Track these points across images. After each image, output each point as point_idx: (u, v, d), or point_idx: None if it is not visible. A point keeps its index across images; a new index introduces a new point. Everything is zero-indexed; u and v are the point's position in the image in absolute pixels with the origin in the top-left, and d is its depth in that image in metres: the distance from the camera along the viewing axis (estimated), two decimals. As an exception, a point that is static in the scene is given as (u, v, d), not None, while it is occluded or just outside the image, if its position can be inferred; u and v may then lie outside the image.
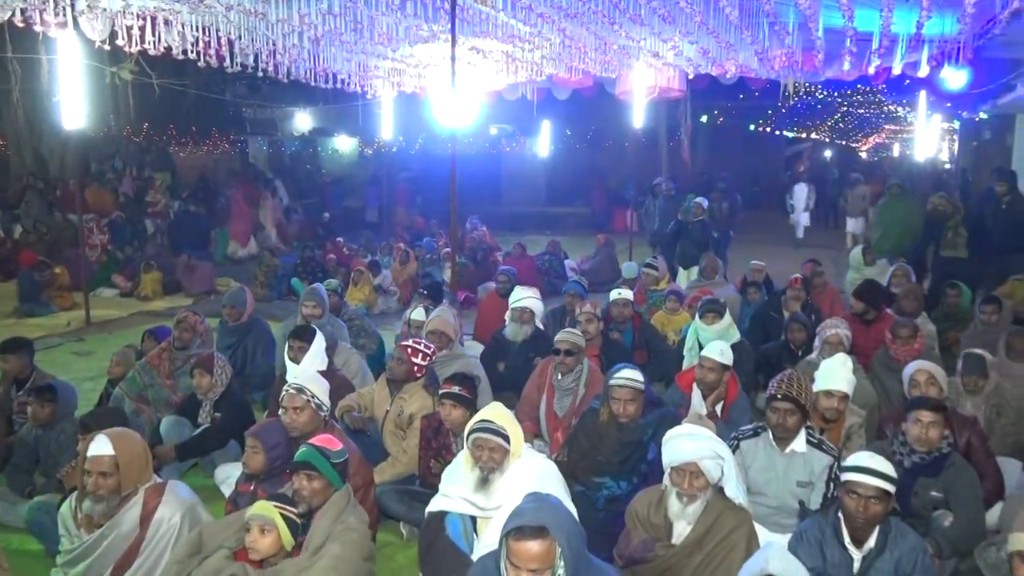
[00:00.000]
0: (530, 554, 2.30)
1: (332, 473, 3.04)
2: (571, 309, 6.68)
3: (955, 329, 6.72)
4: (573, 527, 2.42)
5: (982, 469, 3.91)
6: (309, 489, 2.98)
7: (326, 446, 3.09)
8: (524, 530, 2.32)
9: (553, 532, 2.31)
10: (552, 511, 2.40)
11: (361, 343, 6.59)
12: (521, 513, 2.38)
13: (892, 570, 2.88)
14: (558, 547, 2.34)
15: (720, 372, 4.58)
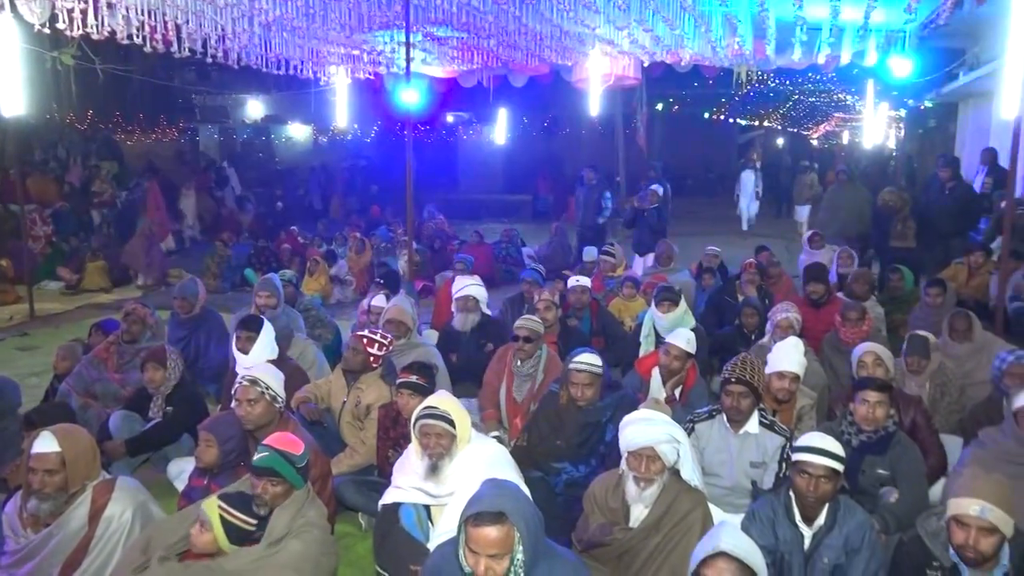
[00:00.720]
0: (489, 539, 2.31)
1: (296, 478, 2.97)
2: (529, 296, 6.70)
3: (900, 312, 6.93)
4: (532, 512, 2.42)
5: (926, 446, 4.05)
6: (271, 494, 2.92)
7: (289, 450, 3.00)
8: (483, 516, 2.32)
9: (512, 517, 2.31)
10: (511, 496, 2.41)
11: (317, 333, 6.51)
12: (480, 499, 2.38)
13: (841, 546, 2.96)
14: (517, 532, 2.35)
15: (684, 360, 4.65)
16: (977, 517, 2.57)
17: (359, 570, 3.83)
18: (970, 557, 2.62)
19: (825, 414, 4.64)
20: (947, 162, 9.79)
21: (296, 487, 2.98)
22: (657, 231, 9.97)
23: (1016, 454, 3.36)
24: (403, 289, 6.94)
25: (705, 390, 4.87)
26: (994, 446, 3.48)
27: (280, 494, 2.94)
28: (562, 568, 2.50)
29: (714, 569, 2.09)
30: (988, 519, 2.56)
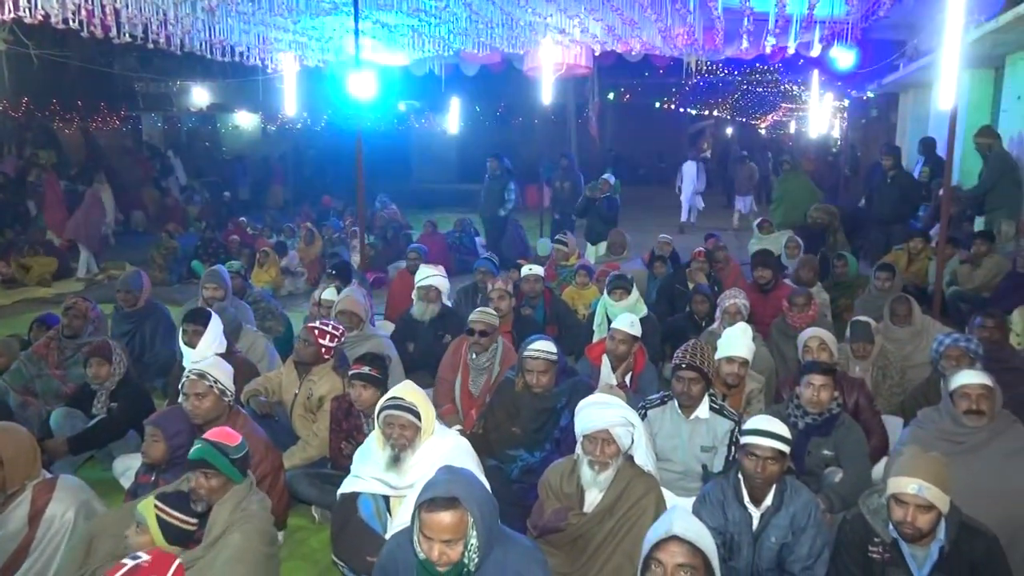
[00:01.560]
0: (442, 525, 2.31)
1: (231, 470, 2.88)
2: (483, 286, 6.70)
3: (845, 297, 7.13)
4: (485, 498, 2.43)
5: (869, 427, 4.17)
6: (207, 487, 2.85)
7: (223, 441, 2.93)
8: (436, 501, 2.32)
9: (465, 503, 2.32)
10: (464, 483, 2.41)
11: (268, 325, 6.41)
12: (433, 485, 2.38)
13: (787, 525, 3.04)
14: (470, 517, 2.35)
15: (630, 343, 4.70)
16: (915, 495, 2.66)
17: (312, 563, 3.80)
18: (908, 533, 2.71)
19: (773, 397, 4.75)
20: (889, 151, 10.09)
21: (233, 480, 2.89)
22: (609, 220, 10.04)
23: (952, 433, 3.47)
24: (355, 280, 6.86)
25: (655, 376, 4.94)
26: (932, 426, 3.59)
27: (216, 488, 2.86)
28: (517, 553, 2.51)
29: (666, 552, 2.12)
30: (925, 497, 2.65)
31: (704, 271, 7.21)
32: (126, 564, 2.08)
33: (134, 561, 2.09)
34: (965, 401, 3.45)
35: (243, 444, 2.99)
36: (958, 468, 2.93)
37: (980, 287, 7.15)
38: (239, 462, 2.91)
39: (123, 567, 2.06)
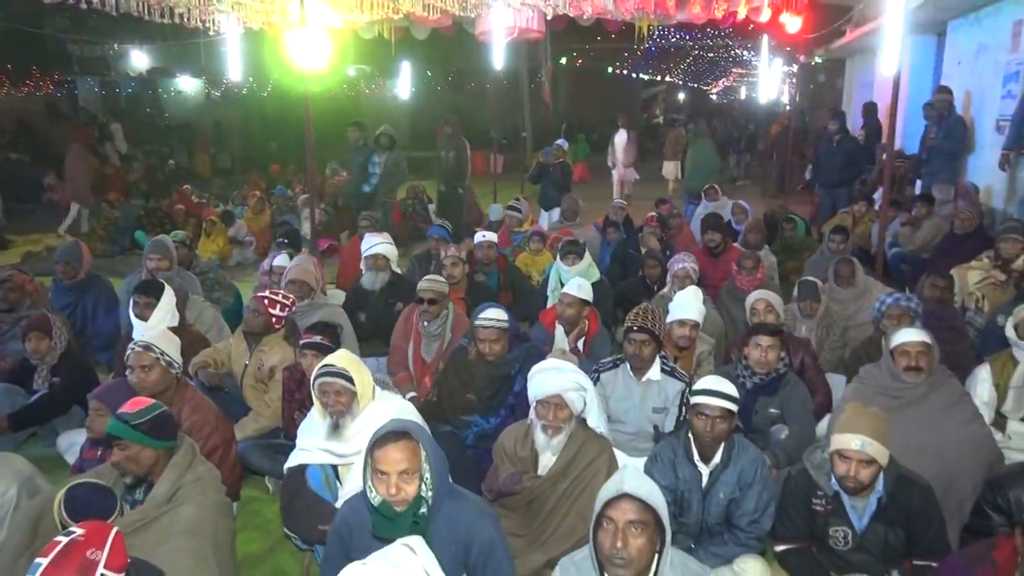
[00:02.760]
0: (396, 457, 2.32)
1: (138, 435, 2.76)
2: (436, 253, 6.66)
3: (792, 260, 7.28)
4: (434, 443, 2.46)
5: (813, 386, 4.30)
6: (123, 457, 2.77)
7: (126, 410, 2.82)
8: (388, 435, 2.34)
9: (416, 436, 2.35)
10: (412, 424, 2.45)
11: (216, 296, 6.28)
12: (383, 427, 2.43)
13: (735, 481, 3.13)
14: (423, 450, 2.37)
15: (579, 307, 4.72)
16: (858, 451, 2.75)
17: (266, 534, 3.78)
18: (851, 487, 2.82)
19: (723, 359, 4.85)
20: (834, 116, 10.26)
21: (150, 446, 2.81)
22: (562, 186, 10.05)
23: (892, 389, 3.59)
24: (306, 248, 6.75)
25: (608, 340, 4.99)
26: (873, 382, 3.71)
27: (132, 457, 2.77)
28: (468, 508, 2.54)
29: (618, 510, 2.16)
30: (867, 452, 2.75)
31: (656, 236, 7.29)
32: (60, 541, 2.00)
33: (68, 537, 2.02)
34: (905, 358, 3.57)
35: (149, 409, 2.84)
36: (897, 422, 3.03)
37: (920, 248, 7.38)
38: (146, 427, 2.78)
39: (57, 545, 1.99)
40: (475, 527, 2.49)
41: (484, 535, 2.50)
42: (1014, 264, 5.72)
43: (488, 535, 2.51)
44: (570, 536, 3.10)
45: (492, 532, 2.54)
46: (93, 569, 1.96)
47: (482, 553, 2.48)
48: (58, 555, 1.95)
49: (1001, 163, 7.72)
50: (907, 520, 2.85)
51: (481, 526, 2.51)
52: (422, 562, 1.84)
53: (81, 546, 1.99)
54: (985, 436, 3.57)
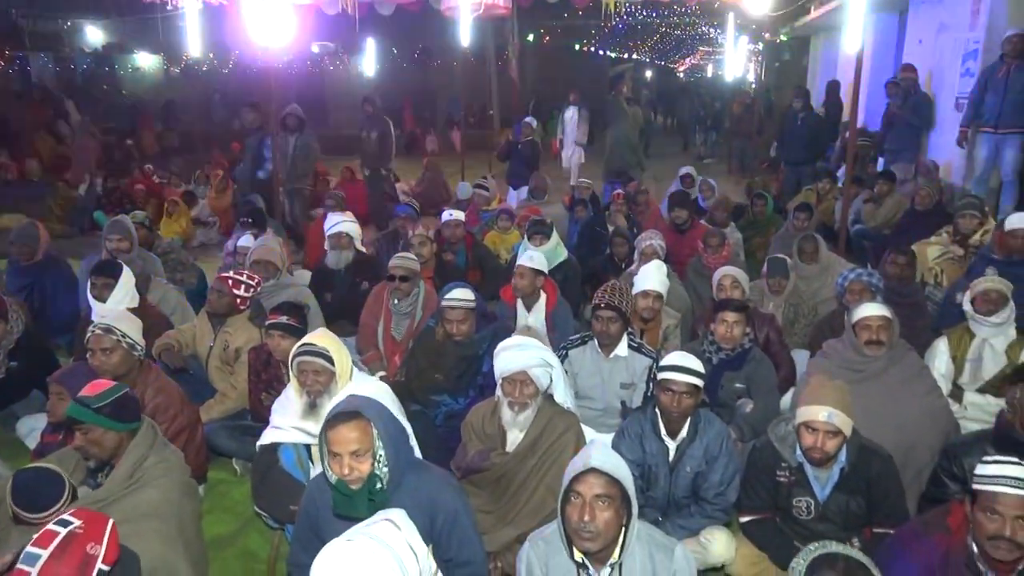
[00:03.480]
0: (347, 437, 2.32)
1: (99, 418, 2.71)
2: (404, 232, 6.61)
3: (759, 236, 7.36)
4: (391, 418, 2.44)
5: (778, 360, 4.37)
6: (85, 441, 2.73)
7: (87, 393, 2.77)
8: (338, 416, 2.34)
9: (367, 414, 2.34)
10: (365, 402, 2.42)
11: (179, 277, 6.16)
12: (335, 407, 2.42)
13: (701, 455, 3.17)
14: (374, 429, 2.37)
15: (531, 277, 4.73)
16: (825, 422, 2.80)
17: (235, 515, 3.76)
18: (817, 458, 2.87)
19: (689, 335, 4.90)
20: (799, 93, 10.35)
21: (112, 429, 2.76)
22: (531, 164, 10.02)
23: (854, 362, 3.66)
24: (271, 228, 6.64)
25: (569, 313, 4.99)
26: (836, 356, 3.78)
27: (95, 440, 2.73)
28: (431, 479, 2.55)
29: (585, 484, 2.18)
30: (834, 423, 2.80)
31: (624, 213, 7.31)
32: (58, 532, 1.95)
33: (65, 528, 1.98)
34: (866, 332, 3.64)
35: (110, 391, 2.79)
36: (858, 394, 3.09)
37: (882, 225, 7.51)
38: (108, 410, 2.73)
39: (55, 536, 1.94)
40: (439, 498, 2.50)
41: (449, 505, 2.51)
42: (972, 239, 5.85)
43: (452, 505, 2.52)
44: (539, 511, 3.13)
45: (456, 502, 2.55)
46: (92, 565, 1.94)
47: (447, 523, 2.50)
48: (57, 548, 1.92)
49: (959, 140, 7.87)
50: (868, 489, 2.92)
51: (445, 497, 2.52)
52: (406, 536, 1.83)
53: (81, 539, 1.95)
54: (942, 407, 3.66)
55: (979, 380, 4.12)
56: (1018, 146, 7.26)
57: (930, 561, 2.35)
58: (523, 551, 2.43)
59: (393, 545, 1.75)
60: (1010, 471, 2.22)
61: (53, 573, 1.87)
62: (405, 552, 1.77)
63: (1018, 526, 2.17)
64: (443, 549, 2.52)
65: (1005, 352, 4.08)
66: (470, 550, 2.58)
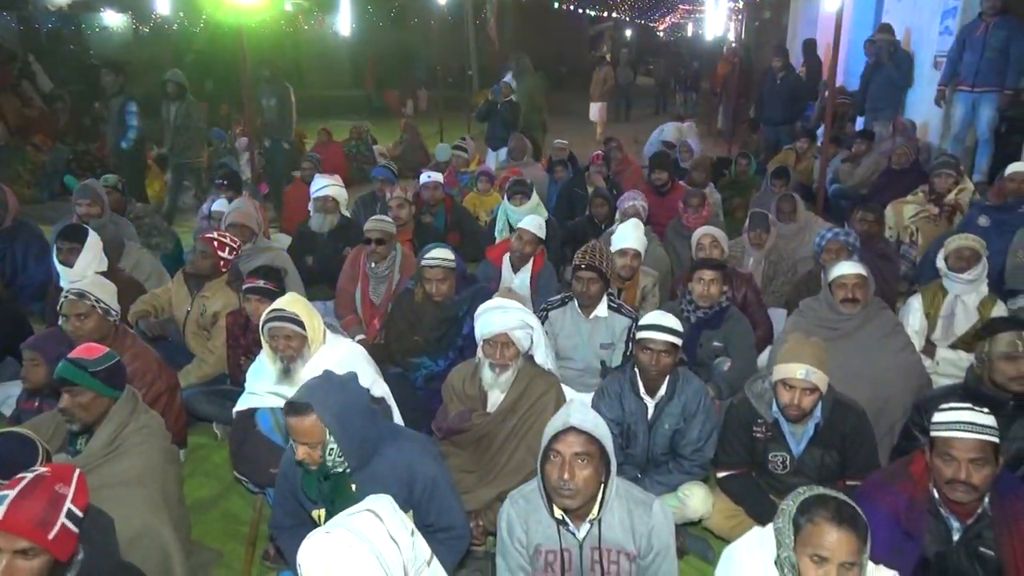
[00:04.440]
0: (297, 428, 2.33)
1: (94, 383, 2.72)
2: (381, 195, 6.55)
3: (739, 196, 7.38)
4: (348, 404, 2.39)
5: (755, 319, 4.41)
6: (74, 403, 2.70)
7: (83, 355, 2.76)
8: (292, 406, 2.34)
9: (317, 409, 2.31)
10: (322, 390, 2.38)
11: (154, 242, 6.08)
12: (298, 391, 2.40)
13: (679, 412, 3.21)
14: (324, 423, 2.33)
15: (535, 244, 4.76)
16: (803, 380, 2.84)
17: (216, 479, 3.76)
18: (794, 414, 2.92)
19: (668, 295, 4.92)
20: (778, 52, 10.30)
21: (103, 394, 2.76)
22: (510, 125, 9.92)
23: (830, 320, 3.71)
24: (246, 191, 6.55)
25: (553, 275, 5.01)
26: (812, 314, 3.83)
27: (84, 404, 2.72)
28: (408, 446, 2.55)
29: (564, 443, 2.20)
30: (811, 380, 2.84)
31: (603, 174, 7.28)
32: (25, 476, 1.96)
33: (33, 473, 1.98)
34: (842, 291, 3.68)
35: (106, 356, 2.79)
36: (834, 352, 3.13)
37: (859, 184, 7.55)
38: (102, 374, 2.74)
39: (22, 479, 1.94)
40: (416, 466, 2.51)
41: (427, 472, 2.52)
42: (947, 198, 5.90)
43: (430, 472, 2.53)
44: (520, 471, 3.16)
45: (434, 469, 2.56)
46: (62, 502, 1.94)
47: (425, 490, 2.52)
48: (26, 487, 1.92)
49: (937, 99, 7.88)
50: (842, 443, 2.98)
51: (422, 464, 2.52)
52: (388, 528, 1.81)
53: (49, 480, 1.96)
54: (915, 363, 3.73)
55: (951, 336, 4.20)
56: (994, 104, 7.29)
57: (895, 508, 2.42)
58: (503, 509, 2.46)
59: (372, 538, 1.74)
60: (963, 416, 2.28)
61: (21, 507, 1.87)
62: (385, 544, 1.75)
63: (972, 468, 2.25)
64: (423, 515, 2.55)
65: (977, 309, 4.15)
66: (450, 516, 2.60)
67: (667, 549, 2.35)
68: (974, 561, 2.35)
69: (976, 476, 2.25)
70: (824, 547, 1.89)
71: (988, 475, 2.26)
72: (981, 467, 2.25)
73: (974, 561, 2.35)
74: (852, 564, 1.88)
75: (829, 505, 1.92)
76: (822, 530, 1.89)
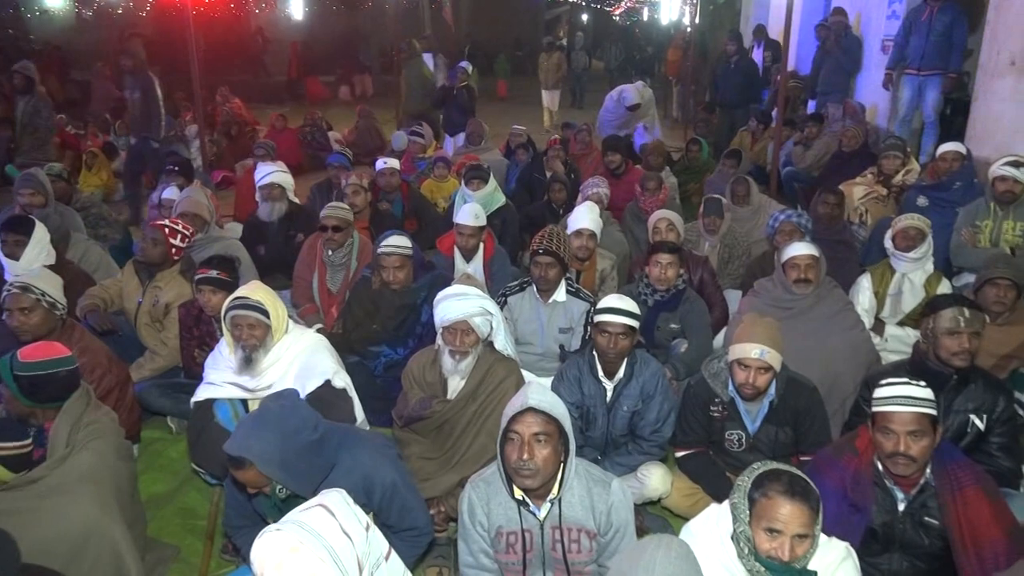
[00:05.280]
0: (240, 477, 2.28)
1: (10, 383, 2.62)
2: (337, 182, 6.46)
3: (693, 180, 7.46)
4: (287, 447, 2.27)
5: (711, 301, 4.47)
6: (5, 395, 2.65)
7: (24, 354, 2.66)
8: (230, 460, 2.26)
9: (256, 463, 2.22)
10: (258, 439, 2.24)
11: (102, 233, 5.91)
12: (232, 436, 2.29)
13: (638, 394, 3.25)
14: (262, 468, 2.25)
15: (478, 235, 4.72)
16: (757, 359, 2.90)
17: (172, 474, 3.69)
18: (749, 393, 2.97)
19: (627, 279, 4.96)
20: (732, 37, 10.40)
21: (19, 400, 2.67)
22: (467, 110, 9.86)
23: (783, 300, 3.78)
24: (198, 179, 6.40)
25: (506, 260, 5.00)
26: (766, 295, 3.89)
27: (8, 399, 2.66)
28: (364, 454, 2.50)
29: (523, 423, 2.21)
30: (766, 360, 2.90)
31: (561, 159, 7.29)
32: None
33: None
34: (795, 271, 3.75)
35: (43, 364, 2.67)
36: (787, 331, 3.20)
37: (811, 166, 7.69)
38: (23, 381, 2.65)
39: None
40: (373, 475, 2.47)
41: (385, 479, 2.49)
42: (894, 179, 6.05)
43: (389, 478, 2.50)
44: (481, 456, 3.16)
45: (392, 474, 2.52)
46: None
47: (384, 495, 2.49)
48: None
49: (885, 82, 8.06)
50: (795, 420, 3.05)
51: (378, 471, 2.48)
52: (340, 522, 1.78)
53: None
54: (865, 340, 3.82)
55: (899, 313, 4.31)
56: (939, 87, 7.48)
57: (842, 481, 2.50)
58: (464, 493, 2.46)
59: (324, 533, 1.71)
60: (901, 391, 2.35)
61: None
62: (338, 539, 1.73)
63: (911, 440, 2.31)
64: (383, 518, 2.54)
65: (923, 286, 4.27)
66: (412, 517, 2.59)
67: (626, 526, 2.38)
68: (919, 530, 2.43)
69: (915, 448, 2.32)
70: (778, 520, 1.94)
71: (926, 446, 2.33)
72: (919, 439, 2.32)
73: (919, 530, 2.43)
74: (805, 536, 1.94)
75: (782, 479, 1.97)
76: (776, 504, 1.94)
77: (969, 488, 2.35)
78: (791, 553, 1.93)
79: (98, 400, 2.92)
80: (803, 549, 1.94)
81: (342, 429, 2.57)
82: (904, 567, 2.49)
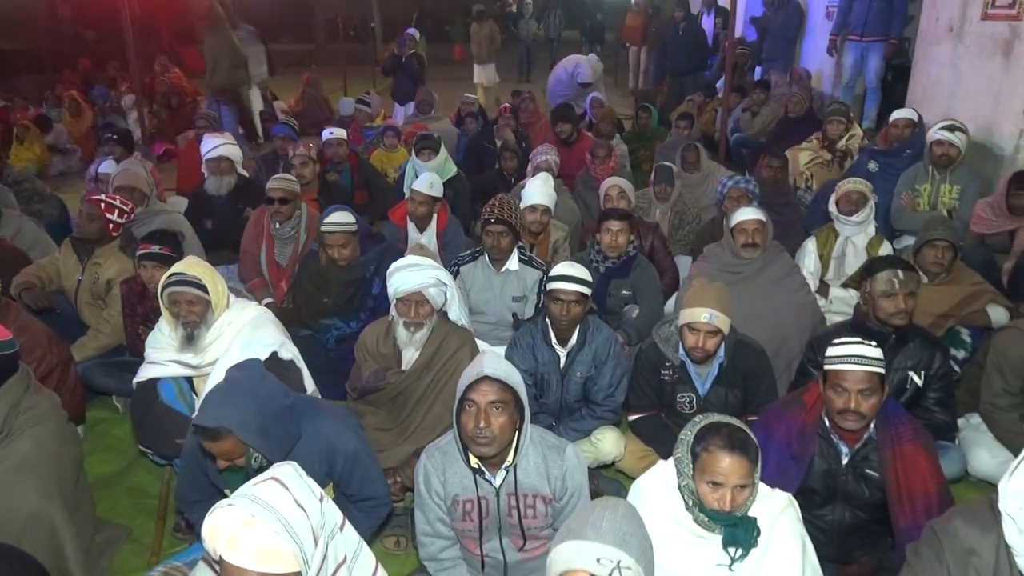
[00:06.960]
0: (218, 450, 2.24)
1: None
2: (283, 153, 6.32)
3: (644, 148, 7.49)
4: (264, 412, 2.25)
5: (662, 267, 4.53)
6: None
7: None
8: (205, 431, 2.20)
9: (237, 431, 2.19)
10: (235, 408, 2.21)
11: (37, 208, 5.68)
12: (204, 407, 2.24)
13: (590, 360, 3.28)
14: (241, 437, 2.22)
15: (431, 204, 4.68)
16: (707, 323, 2.95)
17: (119, 454, 3.61)
18: (699, 356, 3.03)
19: (579, 246, 4.98)
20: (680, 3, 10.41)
21: None
22: (416, 79, 9.71)
23: (732, 264, 3.84)
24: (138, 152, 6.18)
25: (459, 230, 4.98)
26: (715, 260, 3.95)
27: None
28: (327, 422, 2.50)
29: (478, 392, 2.21)
30: (715, 323, 2.95)
31: (511, 127, 7.24)
32: None
33: None
34: (743, 236, 3.81)
35: None
36: (735, 294, 3.26)
37: (758, 132, 7.79)
38: None
39: None
40: (336, 443, 2.47)
41: (348, 447, 2.49)
42: (838, 144, 6.17)
43: (351, 447, 2.50)
44: (437, 426, 3.16)
45: (354, 443, 2.53)
46: None
47: (347, 464, 2.50)
48: None
49: (829, 48, 8.18)
50: (744, 382, 3.12)
51: (341, 439, 2.49)
52: (294, 494, 1.75)
53: None
54: (810, 303, 3.92)
55: (843, 276, 4.42)
56: (881, 53, 7.62)
57: (788, 433, 2.59)
58: (420, 463, 2.46)
59: (278, 506, 1.69)
60: (853, 350, 2.43)
61: None
62: (292, 511, 1.70)
63: (861, 398, 2.41)
64: (344, 487, 2.54)
65: (865, 249, 4.39)
66: (372, 487, 2.60)
67: (581, 490, 2.42)
68: (860, 482, 2.53)
69: (864, 405, 2.40)
70: (719, 473, 2.02)
71: (875, 403, 2.42)
72: (869, 396, 2.41)
73: (860, 482, 2.53)
74: (744, 485, 2.03)
75: (722, 432, 2.04)
76: (716, 457, 2.02)
77: (908, 443, 2.45)
78: (732, 503, 2.02)
79: (39, 382, 2.82)
80: (743, 498, 2.03)
81: (304, 398, 2.55)
82: (846, 518, 2.59)
